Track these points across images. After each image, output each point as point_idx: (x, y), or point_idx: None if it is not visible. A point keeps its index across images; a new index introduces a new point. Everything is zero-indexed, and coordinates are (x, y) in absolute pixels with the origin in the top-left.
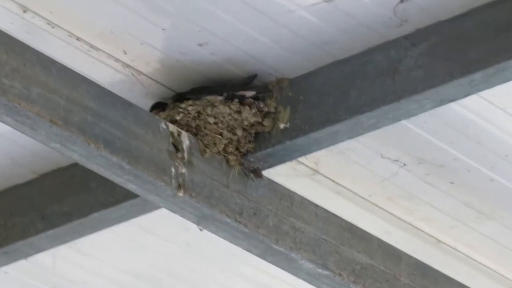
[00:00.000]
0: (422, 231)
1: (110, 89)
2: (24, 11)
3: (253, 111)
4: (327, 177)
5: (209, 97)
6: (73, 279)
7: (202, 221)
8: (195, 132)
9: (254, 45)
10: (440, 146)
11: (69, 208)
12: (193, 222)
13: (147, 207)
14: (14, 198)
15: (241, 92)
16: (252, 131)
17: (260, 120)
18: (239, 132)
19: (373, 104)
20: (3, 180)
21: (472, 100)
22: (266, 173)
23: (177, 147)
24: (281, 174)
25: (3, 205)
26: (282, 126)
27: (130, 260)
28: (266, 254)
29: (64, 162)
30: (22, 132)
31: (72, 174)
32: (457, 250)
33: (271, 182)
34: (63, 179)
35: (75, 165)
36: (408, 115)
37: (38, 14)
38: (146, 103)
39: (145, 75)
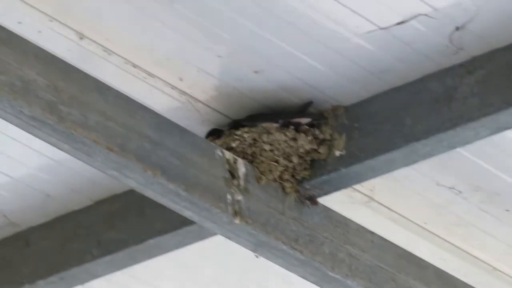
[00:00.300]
0: (477, 258)
1: (166, 116)
2: (81, 38)
3: (309, 138)
4: (382, 204)
5: (265, 124)
6: None
7: (258, 248)
8: (251, 159)
9: (310, 72)
10: (495, 173)
11: (125, 234)
12: (249, 249)
13: (203, 234)
14: (71, 225)
15: (297, 119)
16: (308, 158)
17: (315, 147)
18: (295, 159)
19: (428, 132)
20: (60, 206)
21: None
22: (322, 200)
23: (233, 174)
24: (336, 201)
25: (60, 231)
26: (337, 153)
27: (186, 287)
28: (322, 281)
29: (120, 189)
30: (79, 159)
31: (128, 201)
32: None
33: (326, 209)
34: (119, 206)
35: (131, 192)
36: (464, 142)
37: (94, 41)
38: (202, 130)
39: (201, 102)
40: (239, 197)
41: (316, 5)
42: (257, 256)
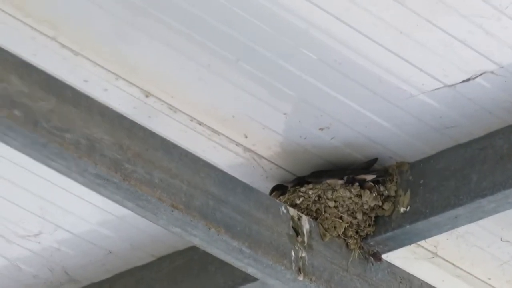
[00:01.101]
0: None
1: (230, 173)
2: (147, 96)
3: (373, 194)
4: (446, 260)
5: (330, 181)
6: None
7: None
8: (315, 216)
9: (375, 129)
10: None
11: None
12: None
13: None
14: (132, 281)
15: (362, 176)
16: (372, 215)
17: (380, 203)
18: (359, 216)
19: (494, 188)
20: (122, 263)
21: None
22: (385, 256)
23: (297, 231)
24: (400, 257)
25: (122, 287)
26: (402, 209)
27: None
28: None
29: (182, 245)
30: (144, 217)
31: (190, 257)
32: None
33: (390, 265)
34: (181, 262)
35: (193, 249)
36: None
37: (160, 99)
38: (266, 186)
39: (266, 159)
40: (303, 253)
41: (381, 62)
42: None
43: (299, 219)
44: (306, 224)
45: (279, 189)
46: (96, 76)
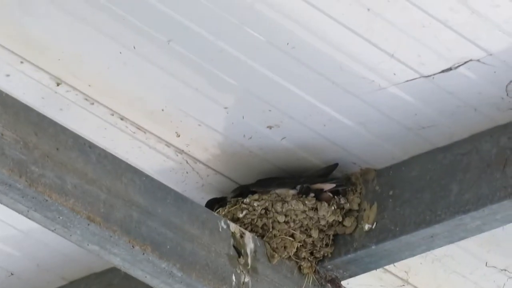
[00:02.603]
0: None
1: (159, 179)
2: (58, 84)
3: (332, 208)
4: None
5: (279, 191)
6: None
7: None
8: (261, 233)
9: (336, 128)
10: None
11: None
12: None
13: None
14: None
15: (318, 185)
16: (330, 233)
17: (340, 219)
18: (315, 234)
19: (478, 202)
20: (26, 287)
21: None
22: (345, 283)
23: (239, 250)
24: (364, 284)
25: None
26: (367, 227)
27: None
28: None
29: (99, 267)
30: (53, 231)
31: (109, 282)
32: None
33: None
34: (98, 287)
35: (112, 271)
36: None
37: (74, 88)
38: (202, 197)
39: (202, 162)
40: (246, 278)
41: (343, 46)
42: None
43: (241, 236)
44: (250, 242)
45: (218, 202)
46: None
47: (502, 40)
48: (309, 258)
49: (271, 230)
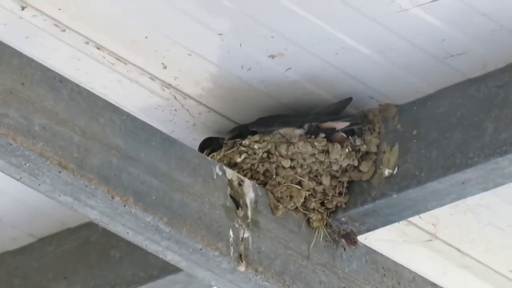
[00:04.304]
0: None
1: (143, 118)
2: (23, 8)
3: (346, 150)
4: (449, 245)
5: (284, 131)
6: None
7: None
8: (263, 181)
9: (350, 57)
10: None
11: (80, 287)
12: None
13: (194, 286)
14: (3, 271)
15: (329, 124)
16: (344, 179)
17: (355, 163)
18: (326, 181)
19: None
20: None
21: None
22: (363, 238)
23: (237, 201)
24: (384, 240)
25: None
26: (387, 172)
27: None
28: None
29: (73, 222)
30: (18, 180)
31: (86, 239)
32: None
33: (370, 251)
34: (72, 245)
35: (89, 226)
36: None
37: (42, 12)
38: (194, 139)
39: (193, 98)
40: (246, 234)
41: None
42: None
43: (240, 184)
44: (250, 191)
45: (212, 144)
46: None
47: None
48: (319, 209)
49: (274, 176)
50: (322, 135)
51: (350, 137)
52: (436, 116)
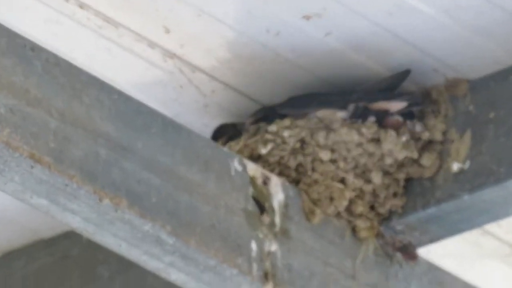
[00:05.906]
0: None
1: (139, 98)
2: None
3: (403, 139)
4: None
5: (322, 113)
6: None
7: None
8: (295, 178)
9: (407, 18)
10: None
11: None
12: None
13: None
14: None
15: (381, 104)
16: (401, 177)
17: (415, 155)
18: (377, 178)
19: None
20: None
21: None
22: (425, 252)
23: (262, 205)
24: (452, 254)
25: None
26: (456, 167)
27: None
28: None
29: (49, 231)
30: None
31: (66, 253)
32: None
33: (433, 269)
34: (48, 262)
35: (70, 236)
36: None
37: None
38: (205, 124)
39: (204, 72)
40: (273, 247)
41: None
42: None
43: (265, 183)
44: (278, 192)
45: (229, 131)
46: None
47: None
48: (368, 215)
49: (310, 173)
50: (372, 119)
51: (408, 122)
52: None
